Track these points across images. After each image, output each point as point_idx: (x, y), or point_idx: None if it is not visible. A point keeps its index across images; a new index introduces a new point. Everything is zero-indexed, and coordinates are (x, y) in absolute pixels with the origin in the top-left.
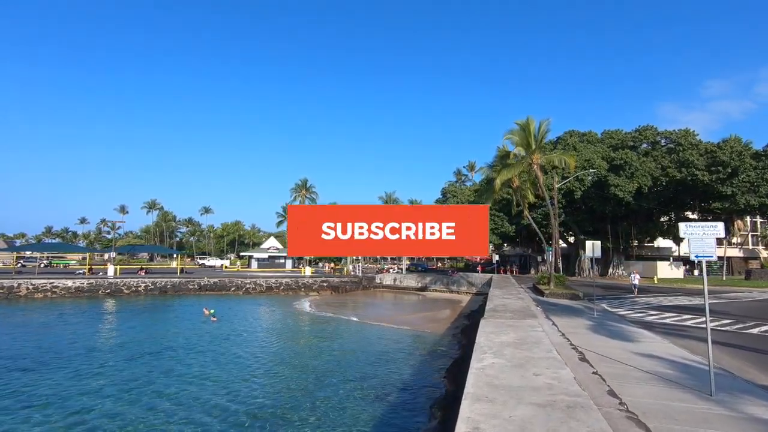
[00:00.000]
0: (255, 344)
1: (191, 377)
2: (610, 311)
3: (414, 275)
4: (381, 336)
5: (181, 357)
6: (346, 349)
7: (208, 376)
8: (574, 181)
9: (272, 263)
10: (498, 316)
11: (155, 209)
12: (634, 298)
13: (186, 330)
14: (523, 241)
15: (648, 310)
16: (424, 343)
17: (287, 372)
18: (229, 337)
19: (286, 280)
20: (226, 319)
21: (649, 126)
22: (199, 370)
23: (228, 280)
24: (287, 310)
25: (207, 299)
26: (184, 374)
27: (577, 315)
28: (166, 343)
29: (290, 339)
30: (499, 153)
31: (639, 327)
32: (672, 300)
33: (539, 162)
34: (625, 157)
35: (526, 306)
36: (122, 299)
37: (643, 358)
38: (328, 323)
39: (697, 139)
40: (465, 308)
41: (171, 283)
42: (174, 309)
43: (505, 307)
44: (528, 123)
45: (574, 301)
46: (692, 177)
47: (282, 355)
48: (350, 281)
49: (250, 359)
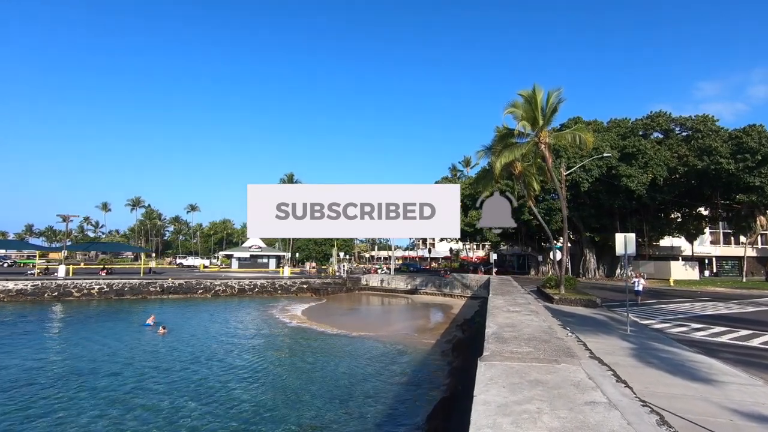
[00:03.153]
0: (191, 368)
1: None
2: (641, 323)
3: (403, 276)
4: (356, 352)
5: (79, 390)
6: (305, 374)
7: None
8: (581, 172)
9: (255, 263)
10: (507, 353)
11: (139, 206)
12: (659, 305)
13: (119, 346)
14: (522, 239)
15: (686, 321)
16: (407, 362)
17: (201, 414)
18: (167, 356)
19: (261, 282)
20: (177, 329)
21: (662, 112)
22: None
23: (195, 282)
24: (254, 317)
25: (170, 304)
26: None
27: (606, 331)
28: (81, 365)
29: (234, 361)
30: (498, 132)
31: (697, 351)
32: (705, 307)
33: (548, 141)
34: (638, 145)
35: (547, 328)
36: (70, 303)
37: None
38: (296, 335)
39: (716, 125)
40: (459, 314)
41: (129, 286)
42: (121, 316)
43: (515, 330)
44: (534, 93)
45: (591, 309)
46: (716, 166)
47: (205, 387)
48: (333, 283)
49: (169, 395)
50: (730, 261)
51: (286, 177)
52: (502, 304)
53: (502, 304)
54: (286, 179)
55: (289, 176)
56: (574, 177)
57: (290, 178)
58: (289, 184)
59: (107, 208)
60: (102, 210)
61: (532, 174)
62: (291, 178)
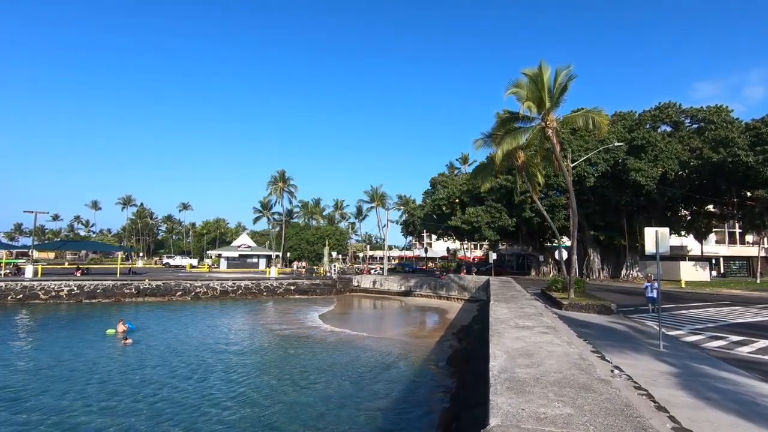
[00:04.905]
0: (149, 399)
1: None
2: (669, 334)
3: (396, 277)
4: (334, 368)
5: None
6: (266, 398)
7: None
8: (586, 166)
9: (244, 263)
10: (532, 421)
11: (130, 205)
12: (678, 310)
13: (74, 358)
14: (523, 238)
15: (719, 332)
16: (395, 380)
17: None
18: (120, 379)
19: (245, 283)
20: (146, 336)
21: (671, 103)
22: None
23: (174, 283)
24: (231, 324)
25: (145, 308)
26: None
27: (633, 347)
28: (20, 385)
29: (193, 381)
30: (499, 118)
31: (761, 378)
32: (731, 313)
33: (555, 125)
34: (648, 137)
35: (578, 358)
36: (36, 307)
37: None
38: (272, 345)
39: (731, 116)
40: (455, 320)
41: (102, 287)
42: (82, 323)
43: (534, 364)
44: (540, 72)
45: (606, 316)
46: (733, 158)
47: (149, 414)
48: (322, 284)
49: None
50: (737, 261)
51: (278, 174)
52: (508, 315)
53: (508, 315)
54: (278, 177)
55: (280, 174)
56: (578, 171)
57: (282, 175)
58: (282, 182)
59: (97, 206)
60: (92, 209)
61: (537, 164)
62: (282, 175)
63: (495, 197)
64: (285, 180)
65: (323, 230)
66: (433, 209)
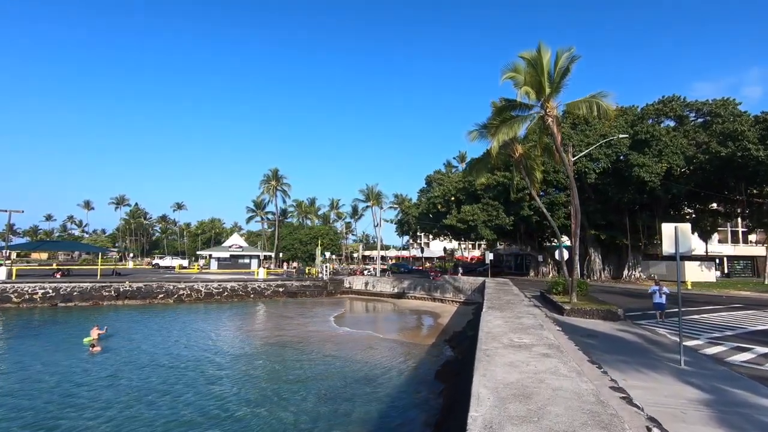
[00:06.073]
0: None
1: None
2: (688, 347)
3: (389, 278)
4: (306, 383)
5: None
6: (236, 422)
7: None
8: (587, 162)
9: (235, 263)
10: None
11: (124, 205)
12: (689, 315)
13: (35, 371)
14: (521, 238)
15: (740, 341)
16: (382, 396)
17: None
18: (91, 384)
19: (232, 285)
20: (118, 342)
21: (676, 96)
22: None
23: (156, 286)
24: (207, 330)
25: (125, 311)
26: None
27: (649, 363)
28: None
29: (169, 398)
30: (495, 107)
31: None
32: (748, 318)
33: (556, 113)
34: (652, 131)
35: (595, 400)
36: (7, 312)
37: None
38: (241, 359)
39: (738, 109)
40: (449, 324)
41: (79, 290)
42: (58, 328)
43: (532, 410)
44: (539, 55)
45: (612, 322)
46: (743, 152)
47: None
48: (313, 286)
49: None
50: (741, 261)
51: (271, 173)
52: (501, 329)
53: (501, 329)
54: (271, 175)
55: (273, 172)
56: (579, 168)
57: (275, 174)
58: (274, 181)
59: (89, 206)
60: (84, 208)
61: (536, 157)
62: (275, 174)
63: (492, 195)
64: (278, 178)
65: (316, 230)
66: (428, 208)
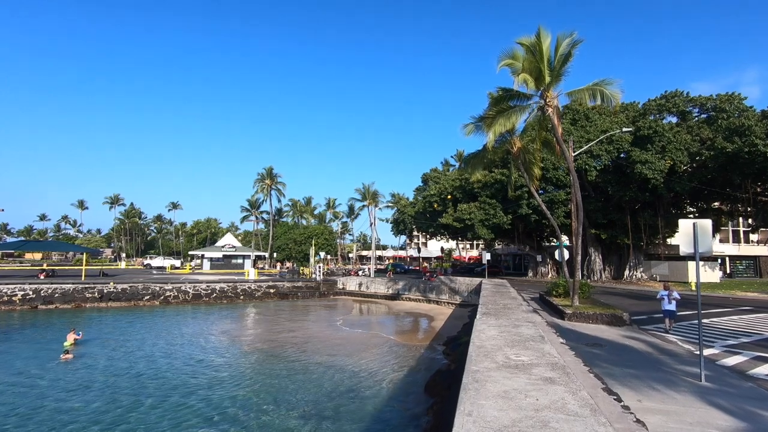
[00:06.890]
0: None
1: None
2: (706, 357)
3: (384, 279)
4: (288, 396)
5: None
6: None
7: None
8: (587, 158)
9: (228, 263)
10: None
11: (118, 204)
12: (711, 323)
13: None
14: (519, 237)
15: (760, 350)
16: (370, 411)
17: None
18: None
19: (221, 286)
20: (93, 349)
21: (679, 91)
22: None
23: (142, 287)
24: (188, 335)
25: (108, 314)
26: None
27: (663, 379)
28: None
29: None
30: (492, 97)
31: None
32: (760, 322)
33: (556, 103)
34: (654, 126)
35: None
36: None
37: None
38: (221, 368)
39: (744, 104)
40: (443, 329)
41: (61, 291)
42: (33, 332)
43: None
44: (539, 41)
45: (619, 329)
46: (750, 148)
47: None
48: (305, 286)
49: None
50: (744, 260)
51: (265, 172)
52: (496, 342)
53: (496, 342)
54: (266, 174)
55: (268, 171)
56: (579, 165)
57: (269, 172)
58: (269, 179)
59: (83, 206)
60: (78, 208)
61: (534, 152)
62: (270, 172)
63: (489, 193)
64: (272, 177)
65: (311, 229)
66: (424, 206)
